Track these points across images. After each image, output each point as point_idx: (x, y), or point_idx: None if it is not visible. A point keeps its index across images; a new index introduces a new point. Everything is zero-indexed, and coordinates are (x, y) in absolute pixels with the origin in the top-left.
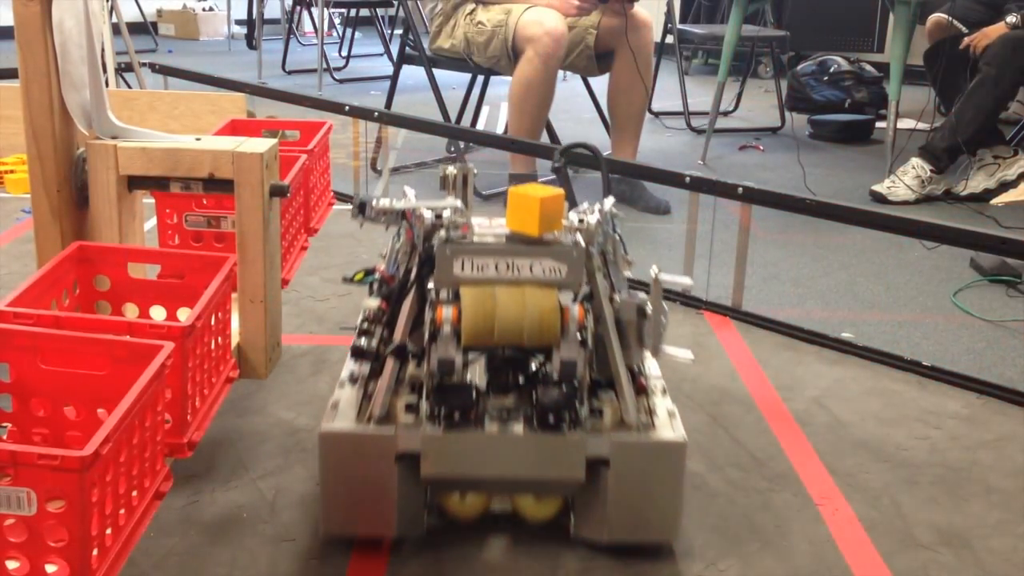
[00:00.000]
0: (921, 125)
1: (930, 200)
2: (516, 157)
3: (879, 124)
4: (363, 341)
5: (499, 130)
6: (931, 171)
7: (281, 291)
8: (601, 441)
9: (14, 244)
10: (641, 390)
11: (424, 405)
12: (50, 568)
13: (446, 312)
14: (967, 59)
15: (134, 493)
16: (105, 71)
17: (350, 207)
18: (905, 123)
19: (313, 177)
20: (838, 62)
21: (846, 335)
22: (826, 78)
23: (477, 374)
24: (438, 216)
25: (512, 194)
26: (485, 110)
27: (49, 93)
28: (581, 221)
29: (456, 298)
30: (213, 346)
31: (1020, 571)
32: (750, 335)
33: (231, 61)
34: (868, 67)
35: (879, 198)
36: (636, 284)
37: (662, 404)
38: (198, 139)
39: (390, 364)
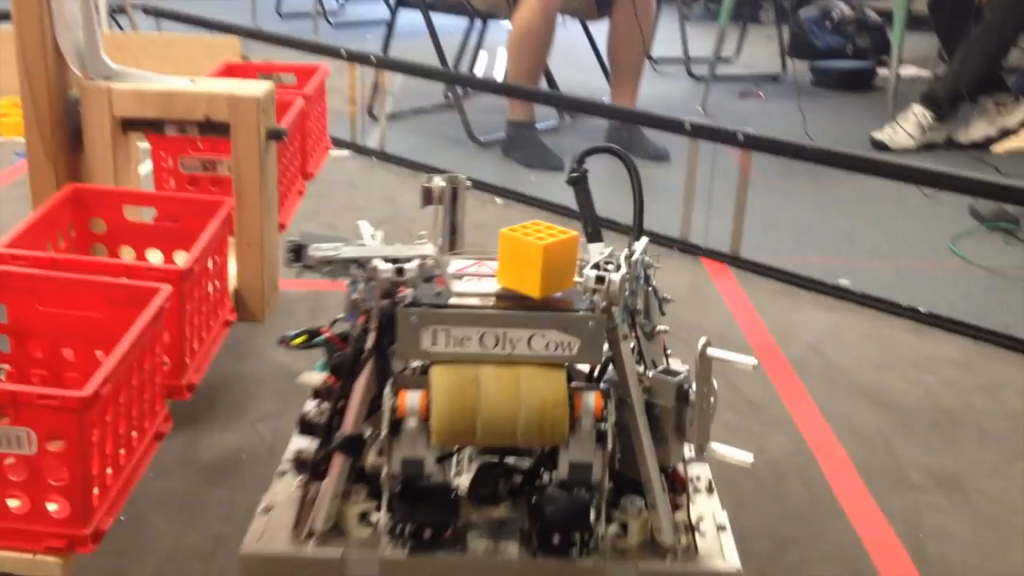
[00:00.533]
0: (923, 72)
1: (931, 147)
2: (514, 103)
3: (881, 71)
4: (313, 408)
5: (497, 76)
6: (932, 118)
7: (278, 235)
8: (625, 570)
9: (9, 188)
10: (680, 487)
11: (384, 516)
12: (51, 507)
13: (411, 400)
14: (971, 6)
15: (134, 434)
16: (98, 12)
17: (345, 153)
18: (907, 70)
19: (309, 121)
20: (841, 8)
21: (843, 282)
22: (829, 24)
23: (460, 467)
24: (400, 271)
25: (505, 239)
26: (483, 56)
27: (42, 34)
28: (600, 280)
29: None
30: (211, 289)
31: (1011, 512)
32: (748, 282)
33: (224, 5)
34: (871, 13)
35: (879, 145)
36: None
37: (708, 510)
38: (193, 81)
39: (338, 464)
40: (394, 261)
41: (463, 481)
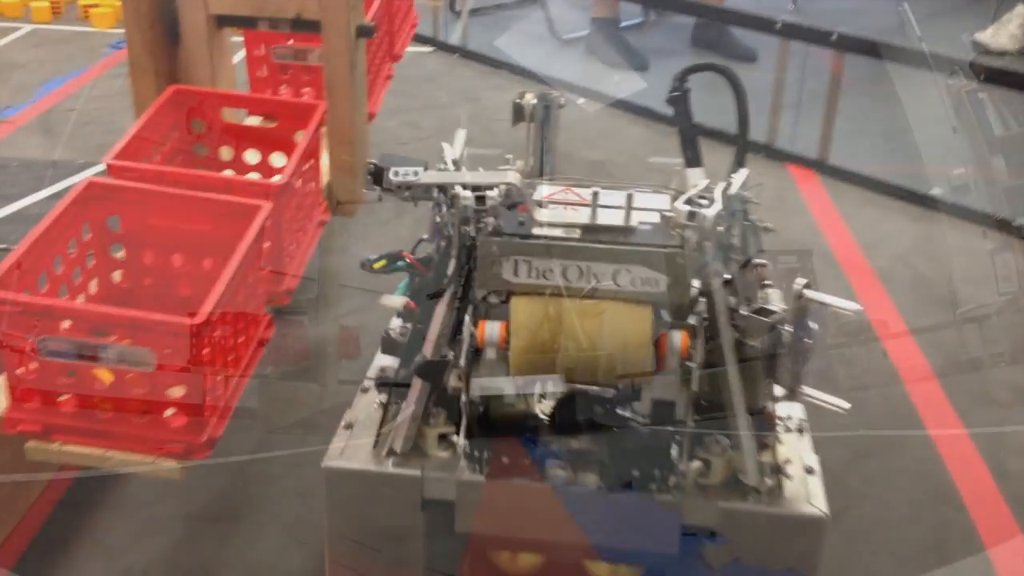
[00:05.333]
0: None
1: None
2: None
3: None
4: (397, 326)
5: None
6: None
7: (368, 128)
8: (705, 507)
9: (103, 79)
10: (770, 424)
11: (463, 440)
12: (169, 411)
13: (490, 331)
14: None
15: (241, 340)
16: None
17: (429, 49)
18: None
19: (396, 1)
20: None
21: (935, 191)
22: None
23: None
24: (480, 199)
25: None
26: None
27: None
28: (692, 215)
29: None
30: (306, 192)
31: None
32: (835, 190)
33: None
34: None
35: (980, 47)
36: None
37: (797, 454)
38: None
39: (417, 387)
40: (475, 188)
41: (546, 407)
